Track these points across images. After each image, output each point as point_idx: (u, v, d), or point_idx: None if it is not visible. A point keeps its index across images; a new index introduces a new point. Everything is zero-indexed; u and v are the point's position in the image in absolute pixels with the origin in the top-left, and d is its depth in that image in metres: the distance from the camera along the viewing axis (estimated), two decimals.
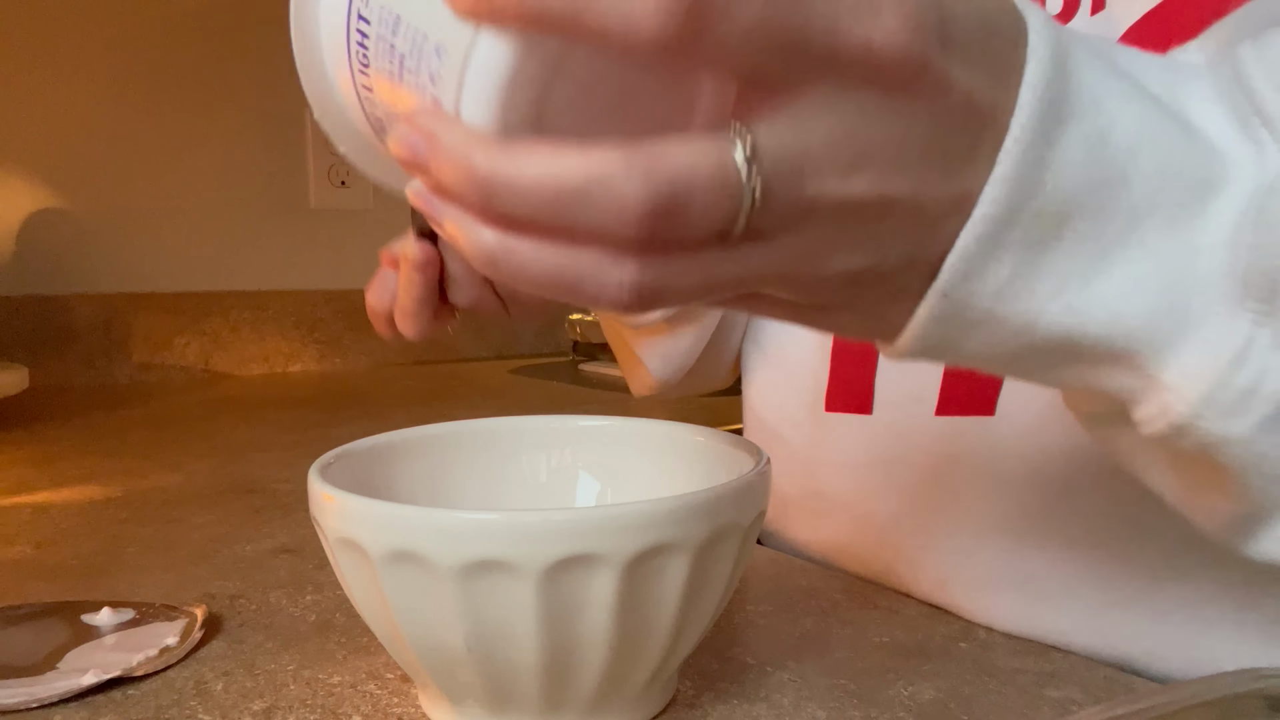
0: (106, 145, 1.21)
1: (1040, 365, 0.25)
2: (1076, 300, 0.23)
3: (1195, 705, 0.25)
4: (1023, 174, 0.22)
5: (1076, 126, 0.22)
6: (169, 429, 0.92)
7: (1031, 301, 0.23)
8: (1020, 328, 0.24)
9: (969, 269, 0.23)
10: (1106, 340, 0.23)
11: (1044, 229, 0.23)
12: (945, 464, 0.45)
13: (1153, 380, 0.24)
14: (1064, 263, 0.23)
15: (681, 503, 0.29)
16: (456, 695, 0.32)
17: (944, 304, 0.24)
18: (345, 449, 0.37)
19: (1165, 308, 0.23)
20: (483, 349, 1.54)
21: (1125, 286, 0.23)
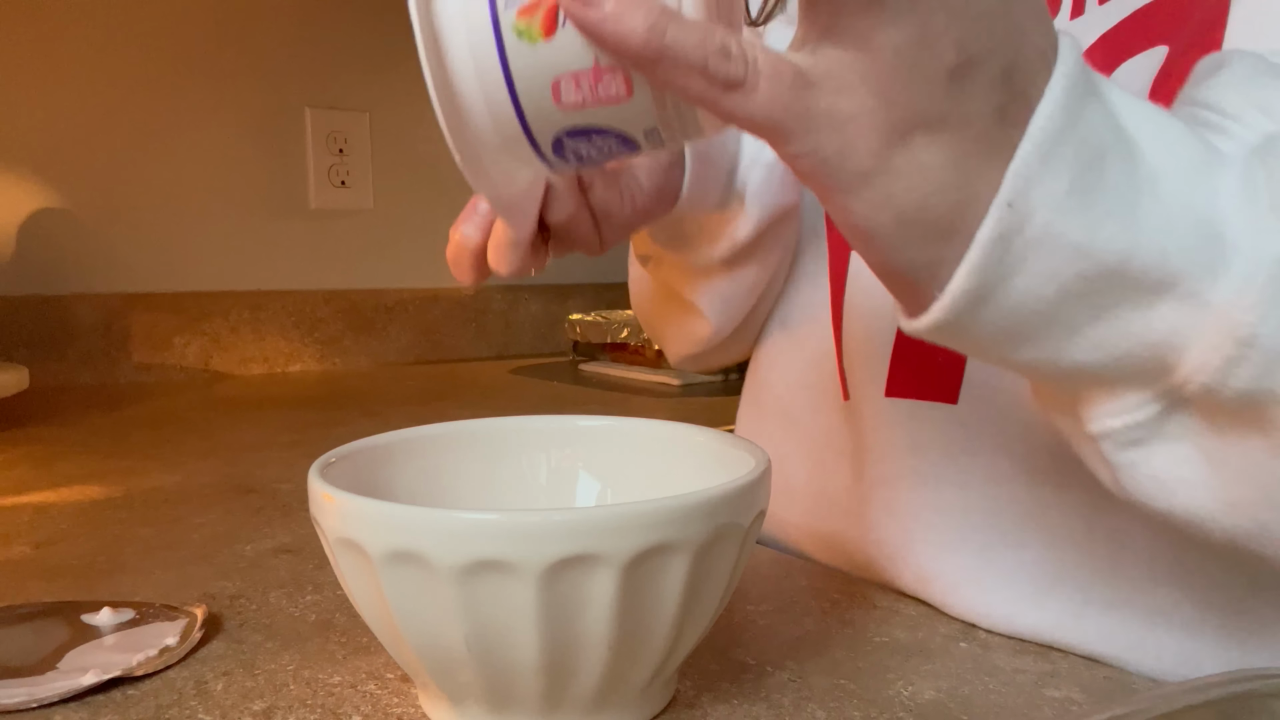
0: (107, 145, 1.21)
1: (1086, 311, 0.26)
2: (1129, 222, 0.24)
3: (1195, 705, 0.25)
4: (1070, 99, 0.24)
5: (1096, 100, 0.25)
6: (169, 429, 0.92)
7: (1089, 218, 0.24)
8: (1078, 245, 0.25)
9: (1031, 173, 0.24)
10: (1159, 264, 0.25)
11: (1089, 155, 0.24)
12: (920, 455, 0.45)
13: (1205, 305, 0.25)
14: (1112, 190, 0.24)
15: (681, 503, 0.29)
16: (456, 695, 0.32)
17: (1009, 216, 0.24)
18: (345, 449, 0.37)
19: (1201, 238, 0.25)
20: (483, 349, 1.54)
21: (1163, 220, 0.25)
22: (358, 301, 1.40)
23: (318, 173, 1.35)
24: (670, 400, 1.08)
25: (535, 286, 1.58)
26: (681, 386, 1.18)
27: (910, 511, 0.45)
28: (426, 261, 1.47)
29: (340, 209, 1.39)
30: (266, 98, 1.31)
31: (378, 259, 1.43)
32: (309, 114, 1.34)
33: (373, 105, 1.39)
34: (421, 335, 1.47)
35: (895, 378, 0.46)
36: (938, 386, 0.44)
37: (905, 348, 0.46)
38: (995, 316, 0.26)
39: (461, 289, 1.49)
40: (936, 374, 0.44)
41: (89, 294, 1.21)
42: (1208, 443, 0.27)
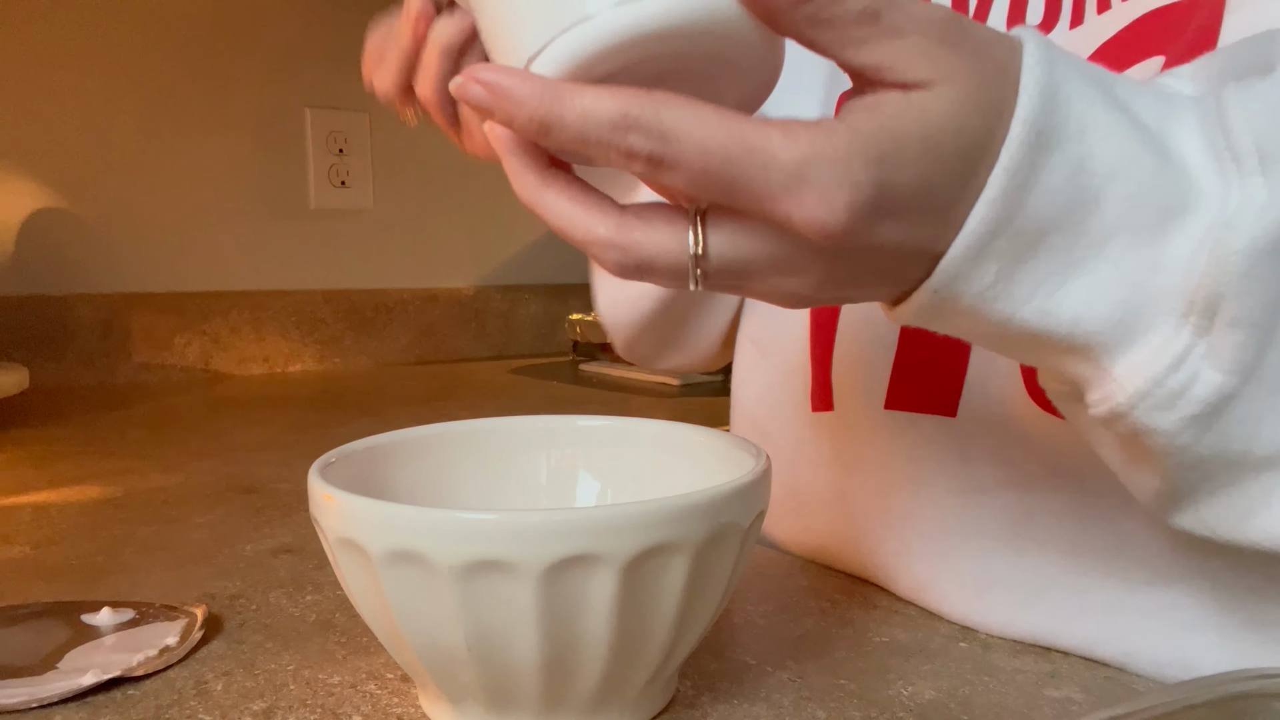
0: (106, 145, 1.21)
1: (1013, 348, 0.30)
2: (1047, 304, 0.27)
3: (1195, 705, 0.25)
4: (1009, 197, 0.26)
5: (1060, 154, 0.26)
6: (169, 429, 0.92)
7: (1009, 303, 0.27)
8: (999, 322, 0.28)
9: (957, 273, 0.27)
10: (1069, 338, 0.27)
11: (1024, 243, 0.26)
12: (908, 466, 0.45)
13: (1104, 372, 0.28)
14: (1039, 272, 0.27)
15: (681, 503, 0.29)
16: (456, 695, 0.32)
17: (934, 298, 0.28)
18: (345, 449, 0.37)
19: (1122, 314, 0.27)
20: (483, 349, 1.54)
21: (1090, 294, 0.27)
22: (358, 301, 1.40)
23: (318, 173, 1.35)
24: (670, 400, 1.08)
25: (535, 286, 1.58)
26: (681, 386, 1.18)
27: (905, 521, 0.45)
28: (426, 261, 1.47)
29: (340, 209, 1.39)
30: (266, 98, 1.31)
31: (378, 259, 1.43)
32: (309, 114, 1.34)
33: (373, 105, 1.39)
34: (421, 335, 1.47)
35: (896, 391, 0.46)
36: (937, 399, 0.44)
37: (906, 362, 0.46)
38: (946, 332, 0.30)
39: (461, 289, 1.49)
40: (936, 387, 0.44)
41: (89, 294, 1.21)
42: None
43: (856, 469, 0.48)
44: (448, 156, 1.46)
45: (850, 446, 0.48)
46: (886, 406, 0.46)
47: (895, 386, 0.46)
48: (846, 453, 0.49)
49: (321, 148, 1.35)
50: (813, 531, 0.51)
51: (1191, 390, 0.27)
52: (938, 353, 0.44)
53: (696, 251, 0.27)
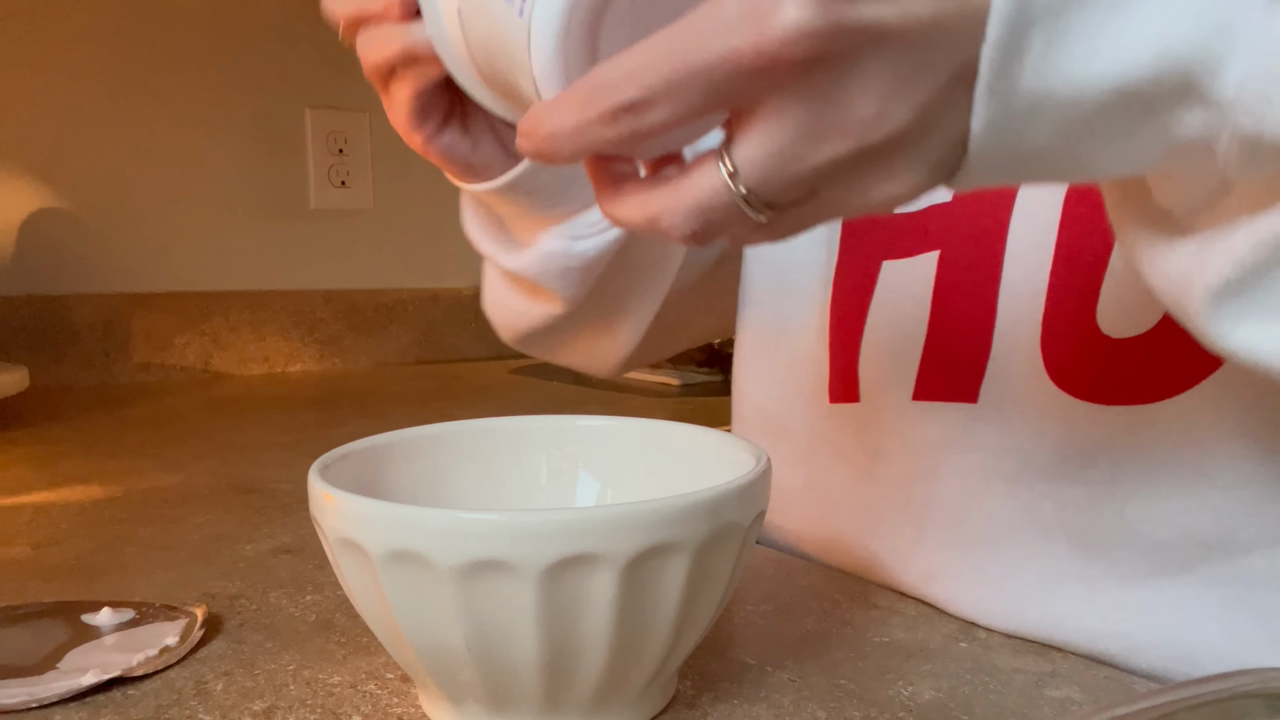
0: (107, 145, 1.21)
1: (1115, 134, 0.24)
2: (1120, 43, 0.23)
3: (1195, 705, 0.25)
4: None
5: None
6: (169, 429, 0.92)
7: (1073, 66, 0.23)
8: (1073, 96, 0.23)
9: (1003, 55, 0.23)
10: (1156, 79, 0.23)
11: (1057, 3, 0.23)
12: (931, 454, 0.45)
13: (1215, 98, 0.23)
14: (1090, 18, 0.23)
15: (681, 503, 0.29)
16: (456, 695, 0.32)
17: (992, 102, 0.24)
18: (345, 449, 0.37)
19: (1203, 31, 0.23)
20: (483, 349, 1.54)
21: (1158, 24, 0.23)
22: (358, 301, 1.40)
23: (318, 173, 1.35)
24: (670, 400, 1.08)
25: None
26: (681, 386, 1.18)
27: (920, 509, 0.45)
28: (426, 261, 1.47)
29: (340, 209, 1.39)
30: (266, 98, 1.31)
31: (378, 259, 1.43)
32: (309, 114, 1.34)
33: (373, 105, 1.39)
34: (421, 335, 1.47)
35: (924, 381, 0.46)
36: (961, 387, 0.44)
37: (933, 352, 0.46)
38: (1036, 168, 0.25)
39: (461, 289, 1.49)
40: (960, 375, 0.44)
41: (89, 294, 1.21)
42: None
43: (880, 459, 0.48)
44: None
45: (875, 437, 0.48)
46: (915, 398, 0.46)
47: (924, 377, 0.46)
48: (871, 443, 0.49)
49: (321, 148, 1.35)
50: (827, 521, 0.51)
51: None
52: (965, 339, 0.44)
53: (729, 169, 0.25)
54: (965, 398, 0.44)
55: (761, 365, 0.57)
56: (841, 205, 0.26)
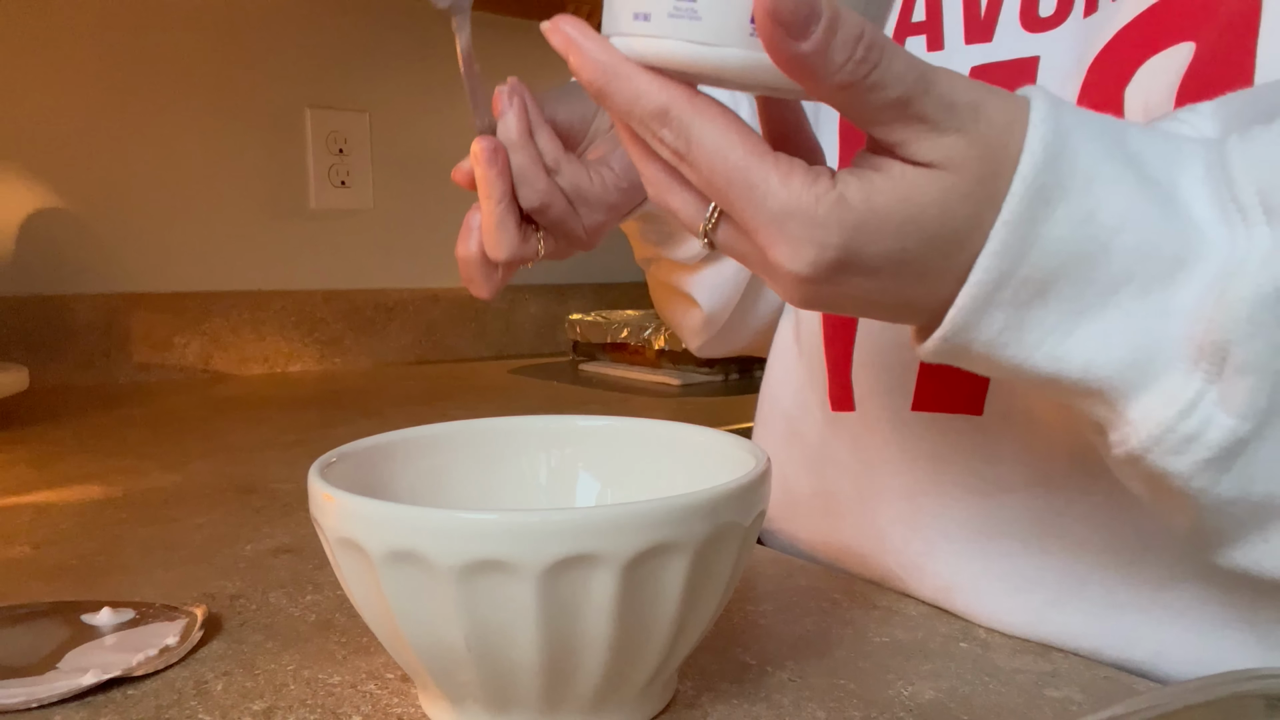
0: (107, 145, 1.21)
1: (1032, 389, 0.30)
2: (1058, 350, 0.28)
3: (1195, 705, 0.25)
4: (1010, 250, 0.27)
5: (1065, 208, 0.27)
6: (169, 429, 0.92)
7: (1020, 349, 0.28)
8: (1012, 367, 0.29)
9: (966, 322, 0.28)
10: (1082, 383, 0.28)
11: (1030, 292, 0.27)
12: (941, 465, 0.45)
13: (1120, 415, 0.29)
14: (1049, 320, 0.28)
15: (681, 503, 0.29)
16: (456, 695, 0.32)
17: (946, 345, 0.29)
18: (345, 449, 0.37)
19: (1133, 359, 0.28)
20: (483, 349, 1.54)
21: (1101, 340, 0.28)
22: (358, 301, 1.40)
23: (318, 173, 1.35)
24: (670, 400, 1.08)
25: (535, 286, 1.58)
26: (681, 386, 1.18)
27: (931, 522, 0.45)
28: (426, 261, 1.47)
29: (340, 209, 1.39)
30: (266, 98, 1.31)
31: (378, 259, 1.43)
32: (309, 114, 1.34)
33: (373, 105, 1.39)
34: (421, 335, 1.47)
35: (923, 391, 0.46)
36: (965, 399, 0.44)
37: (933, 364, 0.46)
38: (970, 368, 0.31)
39: (461, 289, 1.49)
40: (963, 387, 0.44)
41: (89, 294, 1.21)
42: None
43: (880, 470, 0.48)
44: (448, 156, 1.46)
45: (872, 447, 0.48)
46: (914, 408, 0.46)
47: (923, 387, 0.46)
48: (868, 453, 0.48)
49: (321, 148, 1.35)
50: (839, 532, 0.51)
51: (1205, 435, 0.27)
52: None
53: (707, 225, 0.30)
54: (969, 409, 0.44)
55: (789, 369, 0.57)
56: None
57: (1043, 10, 0.43)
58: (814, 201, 0.27)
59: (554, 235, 0.48)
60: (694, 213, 0.30)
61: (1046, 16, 0.43)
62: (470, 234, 0.47)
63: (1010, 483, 0.42)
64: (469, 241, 0.47)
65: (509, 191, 0.45)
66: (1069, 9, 0.42)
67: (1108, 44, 0.40)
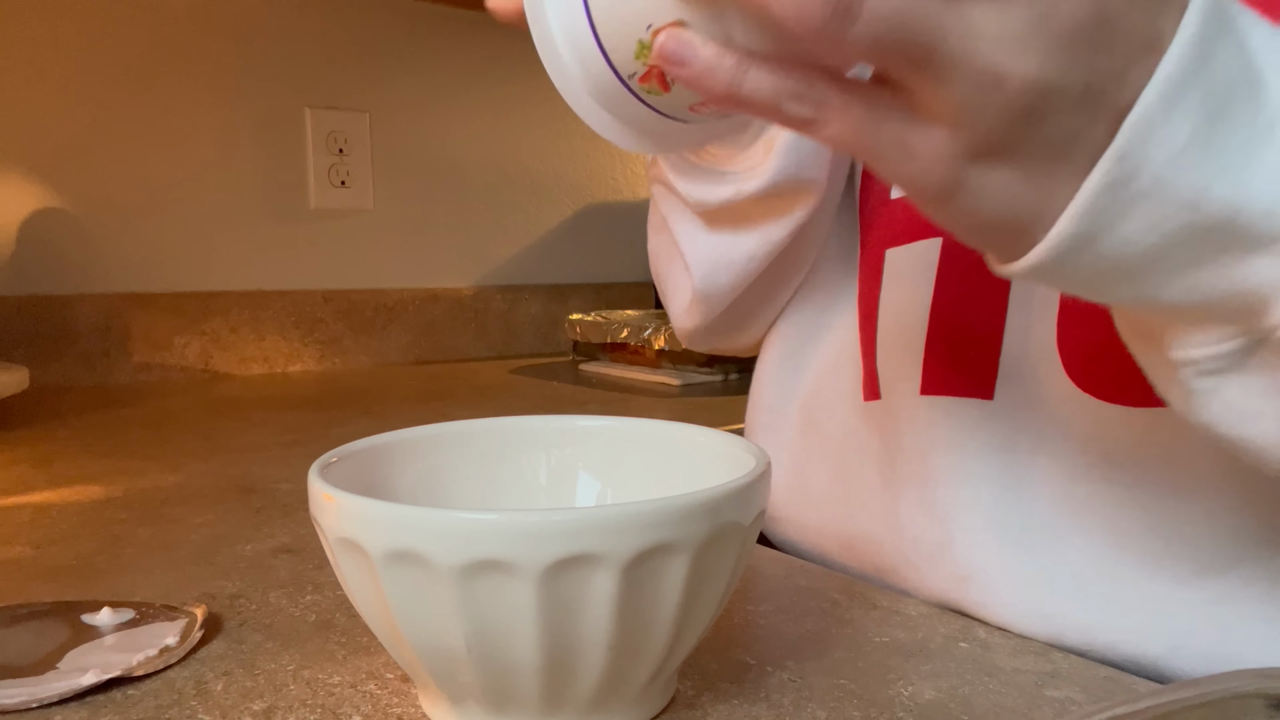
0: (107, 145, 1.21)
1: (1187, 258, 0.26)
2: (1243, 176, 0.24)
3: (1195, 705, 0.25)
4: (1201, 40, 0.23)
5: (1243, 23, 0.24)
6: (169, 429, 0.92)
7: (1202, 172, 0.24)
8: (1188, 200, 0.24)
9: (1150, 126, 0.24)
10: (1267, 218, 0.24)
11: (1215, 101, 0.24)
12: (958, 454, 0.44)
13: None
14: (1231, 139, 0.24)
15: (681, 503, 0.29)
16: (456, 695, 0.32)
17: (1119, 168, 0.24)
18: (345, 449, 0.37)
19: None
20: (483, 349, 1.54)
21: (1276, 175, 0.24)
22: (358, 301, 1.40)
23: (318, 173, 1.35)
24: (670, 400, 1.08)
25: (535, 286, 1.58)
26: (681, 386, 1.18)
27: (948, 511, 0.45)
28: (426, 261, 1.47)
29: (340, 209, 1.39)
30: (266, 98, 1.31)
31: (378, 259, 1.43)
32: (309, 114, 1.34)
33: (373, 105, 1.39)
34: (421, 335, 1.47)
35: (930, 374, 0.45)
36: (972, 382, 0.43)
37: (938, 344, 0.45)
38: (1094, 260, 0.26)
39: (461, 289, 1.49)
40: (970, 369, 0.44)
41: (89, 294, 1.21)
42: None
43: (900, 458, 0.48)
44: (448, 156, 1.46)
45: (895, 435, 0.48)
46: (922, 392, 0.45)
47: (929, 370, 0.45)
48: (892, 441, 0.48)
49: (321, 148, 1.35)
50: (856, 519, 0.51)
51: None
52: (972, 332, 0.43)
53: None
54: (979, 393, 0.43)
55: (808, 358, 0.56)
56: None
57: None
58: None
59: None
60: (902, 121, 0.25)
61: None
62: None
63: (1027, 472, 0.42)
64: None
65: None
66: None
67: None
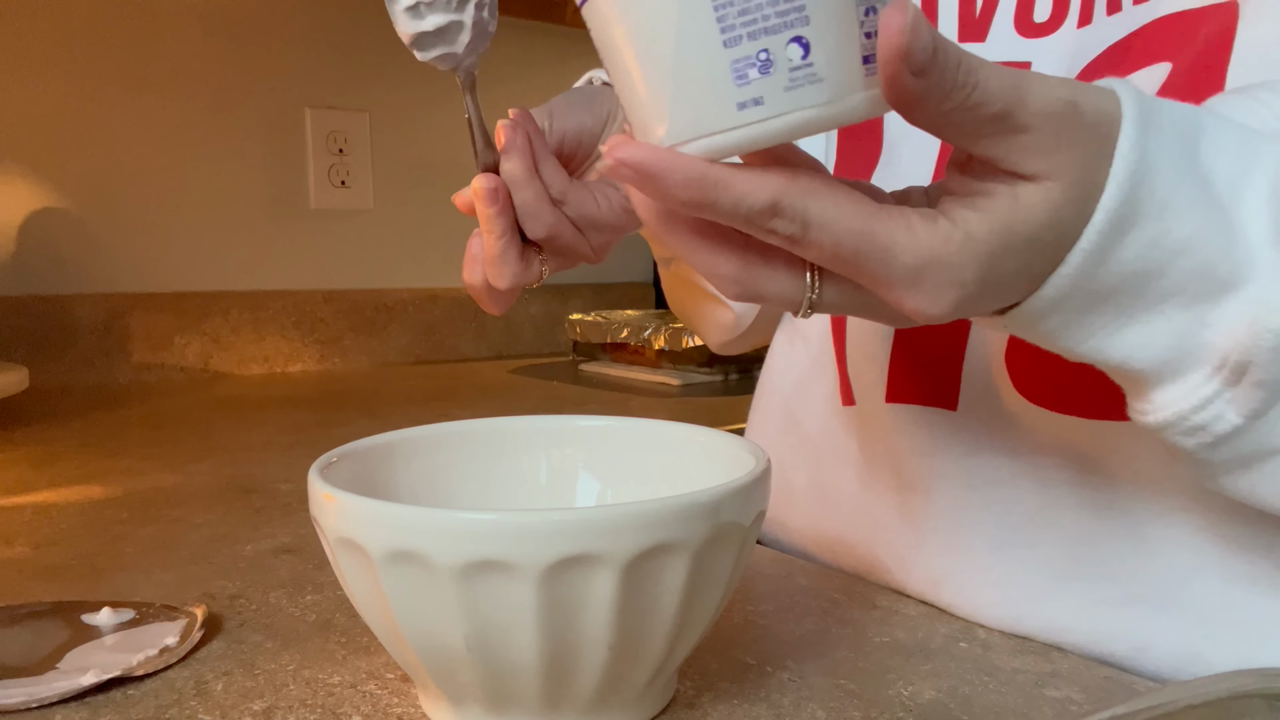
0: (107, 145, 1.21)
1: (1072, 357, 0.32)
2: (1103, 344, 0.30)
3: (1195, 705, 0.25)
4: (1083, 272, 0.28)
5: (1137, 231, 0.28)
6: (169, 429, 0.92)
7: (1070, 341, 0.31)
8: (1063, 349, 0.31)
9: (1028, 320, 0.30)
10: (1119, 369, 0.31)
11: (1090, 302, 0.29)
12: (920, 462, 0.45)
13: (1145, 397, 0.31)
14: (1100, 321, 0.30)
15: (681, 503, 0.29)
16: (456, 695, 0.32)
17: (1003, 329, 0.32)
18: (345, 449, 0.37)
19: (1166, 358, 0.30)
20: (483, 349, 1.54)
21: (1141, 339, 0.30)
22: (358, 301, 1.40)
23: (318, 173, 1.35)
24: (670, 400, 1.08)
25: (535, 287, 1.58)
26: (681, 386, 1.18)
27: (919, 515, 0.45)
28: (426, 261, 1.47)
29: (340, 209, 1.39)
30: (266, 98, 1.31)
31: (378, 259, 1.43)
32: (309, 114, 1.34)
33: (373, 105, 1.39)
34: (421, 335, 1.47)
35: (894, 383, 0.46)
36: (936, 393, 0.44)
37: (902, 353, 0.46)
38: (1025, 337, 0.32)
39: (461, 289, 1.49)
40: (933, 380, 0.44)
41: (89, 294, 1.21)
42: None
43: (873, 462, 0.48)
44: (448, 156, 1.46)
45: (867, 441, 0.49)
46: (887, 400, 0.46)
47: (894, 379, 0.46)
48: (866, 446, 0.49)
49: (321, 148, 1.35)
50: (834, 521, 0.51)
51: (1213, 426, 0.30)
52: (932, 344, 0.45)
53: (811, 296, 0.30)
54: (944, 404, 0.44)
55: (789, 361, 0.57)
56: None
57: (1037, 15, 0.44)
58: (944, 244, 0.27)
59: (560, 258, 0.47)
60: (793, 290, 0.30)
61: (1041, 22, 0.43)
62: (474, 262, 0.46)
63: (996, 477, 0.42)
64: (474, 270, 0.47)
65: (510, 226, 0.45)
66: (1063, 17, 0.43)
67: (1096, 58, 0.40)
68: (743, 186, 0.27)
